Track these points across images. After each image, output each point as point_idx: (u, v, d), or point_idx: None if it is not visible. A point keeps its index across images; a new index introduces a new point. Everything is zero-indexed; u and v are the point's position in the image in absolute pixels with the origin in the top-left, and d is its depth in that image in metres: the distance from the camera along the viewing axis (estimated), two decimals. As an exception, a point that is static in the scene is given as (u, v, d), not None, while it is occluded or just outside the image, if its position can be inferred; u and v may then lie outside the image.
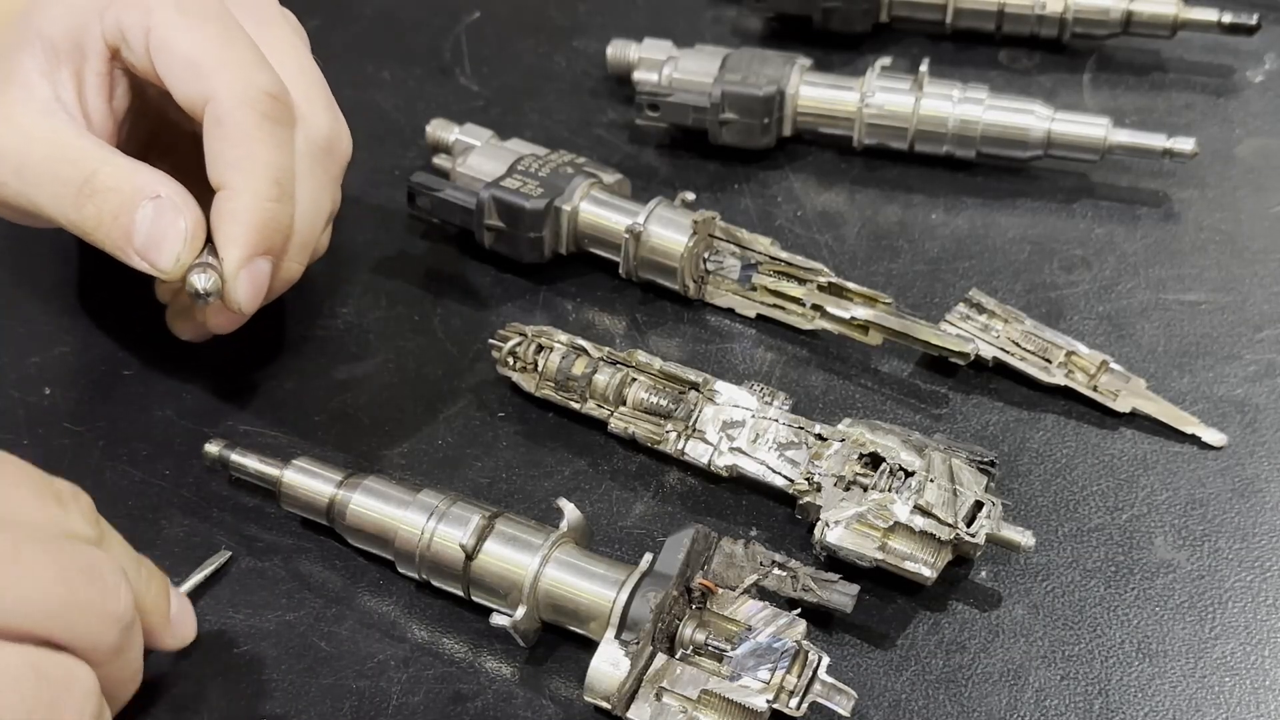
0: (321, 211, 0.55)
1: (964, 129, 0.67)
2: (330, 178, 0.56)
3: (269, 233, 0.52)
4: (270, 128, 0.52)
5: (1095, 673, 0.50)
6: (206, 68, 0.52)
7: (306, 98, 0.55)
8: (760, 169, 0.69)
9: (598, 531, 0.54)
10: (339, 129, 0.56)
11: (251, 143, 0.52)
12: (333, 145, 0.55)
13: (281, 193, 0.52)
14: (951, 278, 0.64)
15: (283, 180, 0.52)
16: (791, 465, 0.54)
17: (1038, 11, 0.73)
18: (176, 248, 0.51)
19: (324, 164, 0.55)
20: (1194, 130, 0.69)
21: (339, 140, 0.56)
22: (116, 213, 0.51)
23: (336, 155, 0.56)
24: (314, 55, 0.58)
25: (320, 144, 0.55)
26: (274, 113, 0.52)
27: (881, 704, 0.50)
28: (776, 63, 0.68)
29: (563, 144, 0.67)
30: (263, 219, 0.52)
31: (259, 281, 0.53)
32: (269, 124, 0.52)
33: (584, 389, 0.57)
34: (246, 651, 0.51)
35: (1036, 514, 0.55)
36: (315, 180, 0.54)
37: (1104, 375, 0.59)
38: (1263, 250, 0.65)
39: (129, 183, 0.52)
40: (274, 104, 0.52)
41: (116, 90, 0.55)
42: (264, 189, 0.52)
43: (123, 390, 0.59)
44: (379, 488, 0.53)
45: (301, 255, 0.55)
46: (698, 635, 0.49)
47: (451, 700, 0.50)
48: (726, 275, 0.63)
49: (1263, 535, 0.54)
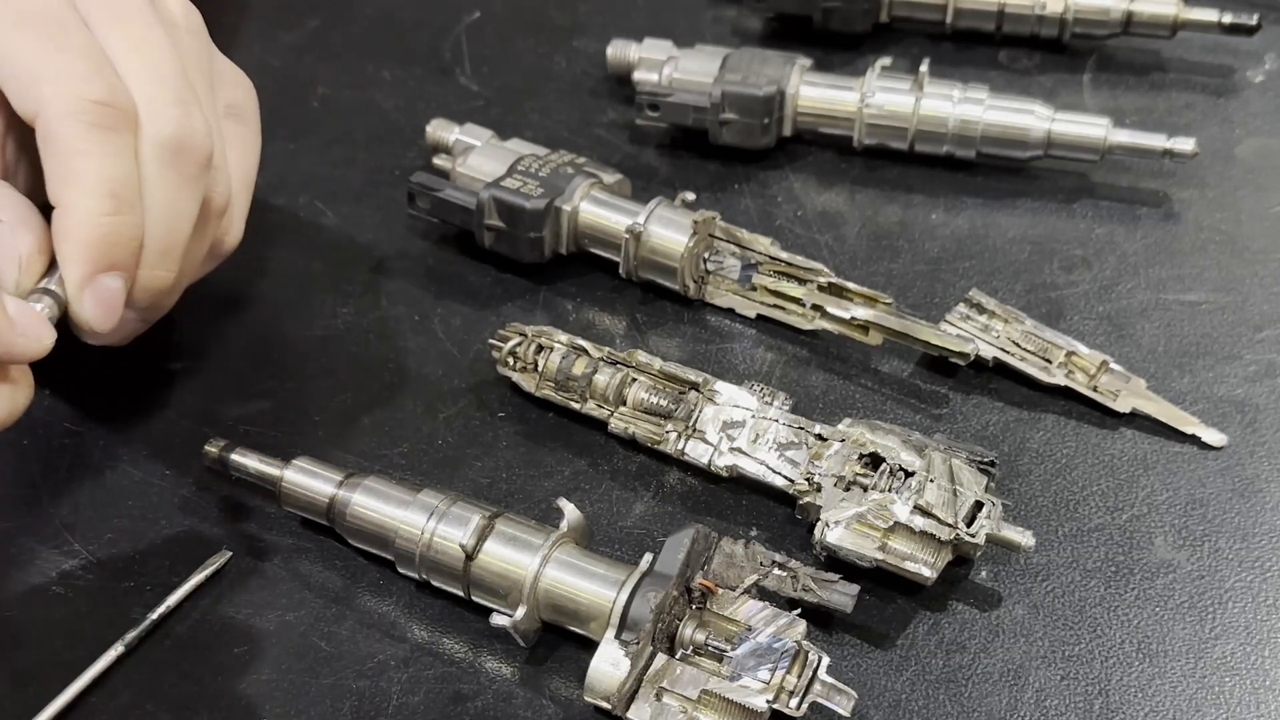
0: (182, 214, 0.52)
1: (964, 129, 0.67)
2: (185, 177, 0.52)
3: (108, 248, 0.50)
4: (100, 136, 0.50)
5: (1095, 673, 0.50)
6: (33, 79, 0.50)
7: (151, 97, 0.52)
8: (760, 169, 0.69)
9: (598, 531, 0.54)
10: (190, 125, 0.52)
11: (79, 156, 0.49)
12: (182, 143, 0.51)
13: (120, 204, 0.50)
14: (951, 278, 0.64)
15: (120, 191, 0.50)
16: (791, 465, 0.54)
17: (1038, 12, 0.73)
18: (13, 273, 0.50)
19: (174, 164, 0.52)
20: (1194, 130, 0.69)
21: (190, 137, 0.52)
22: None
23: (190, 153, 0.52)
24: (313, 54, 0.57)
25: (167, 144, 0.51)
26: (103, 120, 0.50)
27: (881, 704, 0.50)
28: (777, 63, 0.68)
29: (563, 144, 0.67)
30: (99, 235, 0.49)
31: (108, 299, 0.50)
32: (98, 133, 0.50)
33: (584, 389, 0.57)
34: (246, 651, 0.51)
35: (1036, 514, 0.55)
36: (166, 183, 0.52)
37: (1104, 375, 0.59)
38: (1263, 250, 0.65)
39: None
40: (103, 111, 0.50)
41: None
42: (97, 204, 0.49)
43: (123, 390, 0.59)
44: (379, 488, 0.53)
45: (166, 262, 0.52)
46: (698, 635, 0.49)
47: (451, 700, 0.50)
48: (727, 275, 0.63)
49: (1263, 535, 0.54)
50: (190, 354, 0.60)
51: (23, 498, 0.56)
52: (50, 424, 0.58)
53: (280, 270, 0.65)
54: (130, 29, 0.53)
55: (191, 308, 0.60)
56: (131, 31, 0.53)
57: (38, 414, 0.59)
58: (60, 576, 0.53)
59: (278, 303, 0.64)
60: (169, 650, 0.51)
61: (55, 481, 0.56)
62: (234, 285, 0.64)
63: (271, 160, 0.68)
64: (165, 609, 0.52)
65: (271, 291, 0.64)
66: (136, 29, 0.53)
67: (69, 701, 0.49)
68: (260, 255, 0.65)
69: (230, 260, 0.60)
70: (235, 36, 0.77)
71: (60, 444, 0.58)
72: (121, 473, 0.57)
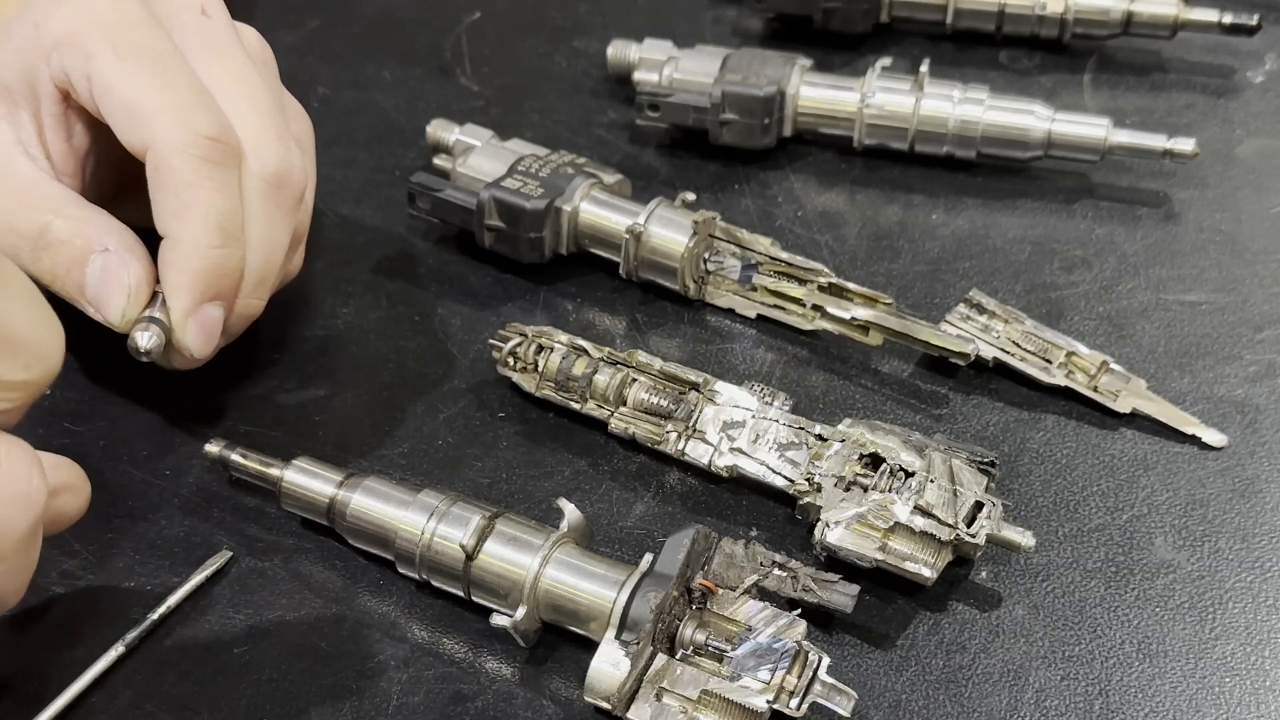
0: (278, 246, 0.54)
1: (964, 129, 0.67)
2: (283, 211, 0.54)
3: (215, 279, 0.52)
4: (210, 171, 0.51)
5: (1095, 673, 0.50)
6: (143, 114, 0.51)
7: (254, 133, 0.53)
8: (760, 169, 0.69)
9: (598, 532, 0.54)
10: (290, 160, 0.54)
11: (190, 190, 0.51)
12: (283, 178, 0.54)
13: (227, 238, 0.52)
14: (952, 278, 0.64)
15: (227, 225, 0.52)
16: (792, 466, 0.54)
17: (1038, 12, 0.73)
18: (121, 302, 0.51)
19: (275, 199, 0.54)
20: (1194, 131, 0.69)
21: (290, 172, 0.54)
22: (69, 266, 0.52)
23: (289, 187, 0.54)
24: (313, 54, 0.57)
25: (269, 179, 0.53)
26: (214, 156, 0.51)
27: (882, 704, 0.50)
28: (777, 63, 0.68)
29: (563, 144, 0.67)
30: (207, 267, 0.51)
31: (209, 328, 0.52)
32: (208, 168, 0.51)
33: (584, 389, 0.57)
34: (246, 651, 0.51)
35: (1037, 514, 0.55)
36: (267, 216, 0.53)
37: (1104, 376, 0.59)
38: (1263, 250, 0.65)
39: (80, 235, 0.51)
40: (213, 147, 0.51)
41: (75, 129, 0.54)
42: (206, 236, 0.51)
43: (123, 390, 0.59)
44: (379, 488, 0.53)
45: (260, 291, 0.54)
46: (698, 635, 0.49)
47: (451, 700, 0.50)
48: (727, 275, 0.63)
49: (1263, 536, 0.54)
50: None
51: (23, 498, 0.56)
52: (50, 424, 0.58)
53: (280, 270, 0.65)
54: (227, 64, 0.54)
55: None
56: (228, 66, 0.54)
57: (38, 414, 0.58)
58: (60, 576, 0.53)
59: (278, 303, 0.63)
60: (169, 650, 0.51)
61: (55, 481, 0.56)
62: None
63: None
64: (165, 609, 0.52)
65: (271, 291, 0.64)
66: (233, 64, 0.55)
67: (69, 701, 0.49)
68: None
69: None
70: (235, 36, 0.77)
71: (60, 444, 0.58)
72: (121, 473, 0.57)
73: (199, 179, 0.51)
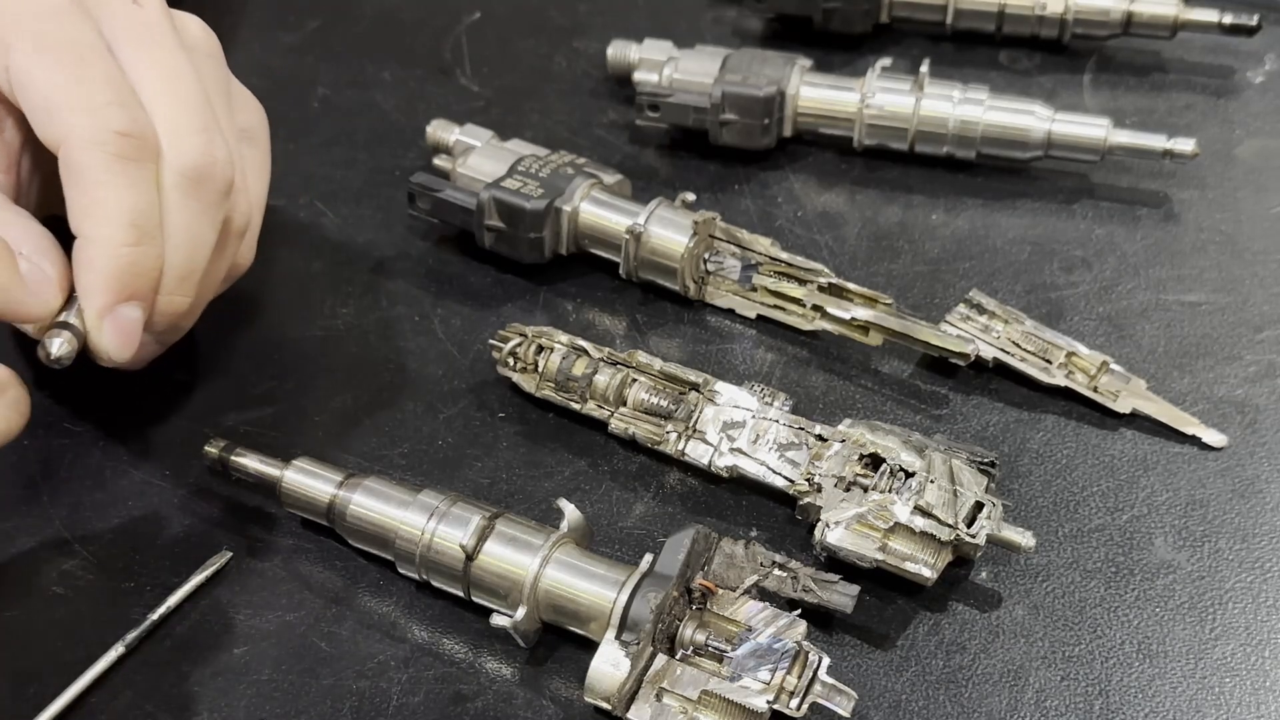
0: (202, 242, 0.52)
1: (964, 130, 0.67)
2: (206, 205, 0.52)
3: (129, 279, 0.50)
4: (122, 168, 0.50)
5: (1095, 673, 0.50)
6: (56, 109, 0.50)
7: (174, 125, 0.52)
8: (760, 169, 0.69)
9: (598, 532, 0.54)
10: (212, 153, 0.52)
11: (102, 187, 0.50)
12: (204, 172, 0.52)
13: (141, 235, 0.50)
14: (952, 278, 0.64)
15: (141, 222, 0.50)
16: (792, 466, 0.54)
17: (1038, 12, 0.73)
18: (35, 307, 0.50)
19: (195, 193, 0.52)
20: (1194, 131, 0.69)
21: (212, 166, 0.52)
22: None
23: (211, 181, 0.52)
24: (313, 54, 0.57)
25: (188, 173, 0.51)
26: (126, 151, 0.50)
27: (882, 705, 0.50)
28: (777, 63, 0.68)
29: (563, 144, 0.67)
30: (120, 266, 0.50)
31: (127, 330, 0.51)
32: (121, 164, 0.50)
33: (584, 389, 0.57)
34: (246, 651, 0.51)
35: (1037, 515, 0.55)
36: (187, 212, 0.52)
37: (1104, 376, 0.59)
38: (1263, 251, 0.65)
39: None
40: (126, 142, 0.50)
41: (5, 124, 0.53)
42: (119, 234, 0.50)
43: (123, 390, 0.59)
44: (379, 488, 0.53)
45: (184, 288, 0.52)
46: (698, 636, 0.49)
47: (451, 700, 0.50)
48: (727, 276, 0.63)
49: (1263, 536, 0.54)
50: (190, 354, 0.60)
51: (23, 498, 0.56)
52: (50, 424, 0.58)
53: (280, 270, 0.65)
54: (155, 54, 0.53)
55: (191, 308, 0.61)
56: (156, 57, 0.53)
57: (38, 414, 0.58)
58: (60, 576, 0.53)
59: (278, 303, 0.64)
60: (169, 650, 0.51)
61: (55, 481, 0.56)
62: (234, 286, 0.63)
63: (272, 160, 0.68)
64: (165, 609, 0.52)
65: (271, 291, 0.64)
66: (161, 54, 0.53)
67: (69, 702, 0.49)
68: (260, 255, 0.65)
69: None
70: (235, 37, 0.77)
71: (60, 444, 0.58)
72: (121, 473, 0.57)
73: (110, 176, 0.50)
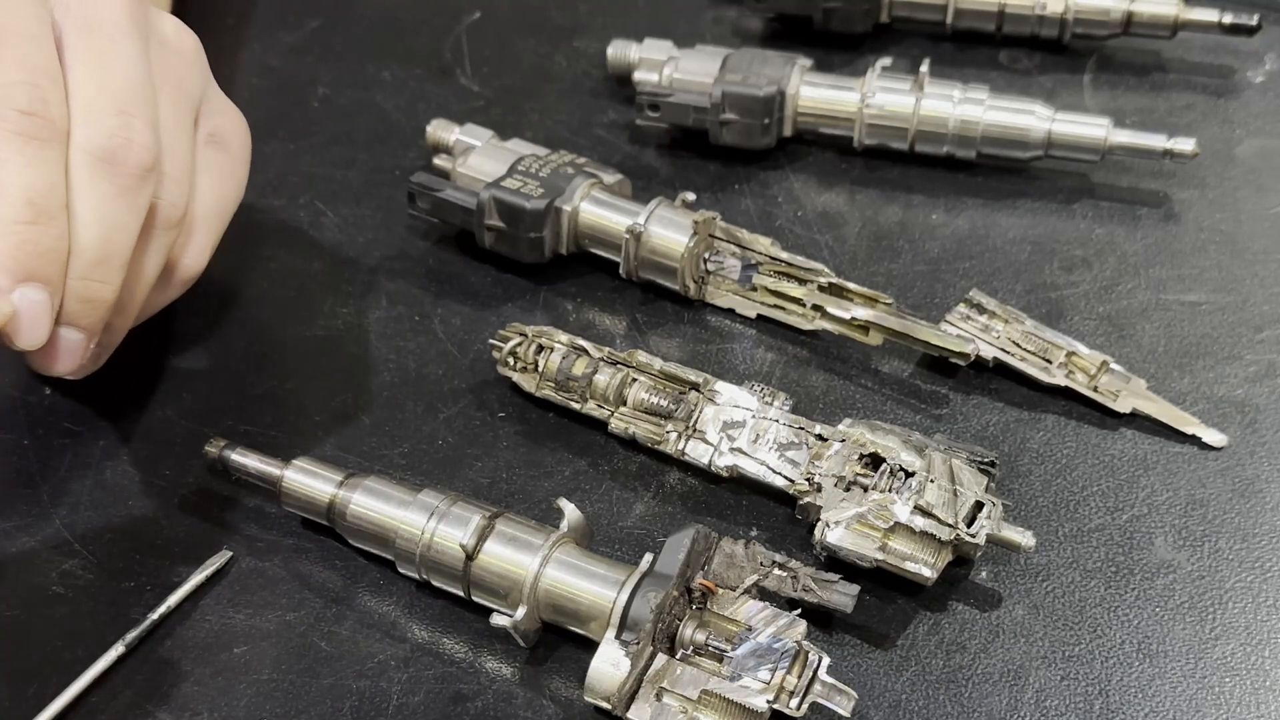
0: (115, 225, 0.51)
1: (964, 129, 0.67)
2: (119, 188, 0.51)
3: (24, 258, 0.49)
4: (22, 145, 0.49)
5: (1095, 673, 0.50)
6: None
7: (90, 107, 0.51)
8: (760, 169, 0.69)
9: (598, 531, 0.54)
10: (127, 135, 0.51)
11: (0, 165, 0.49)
12: (114, 153, 0.51)
13: (38, 213, 0.49)
14: (952, 278, 0.64)
15: (39, 200, 0.49)
16: (792, 465, 0.54)
17: (1038, 12, 0.73)
18: None
19: (105, 174, 0.50)
20: (1194, 131, 0.69)
21: (125, 148, 0.51)
22: None
23: (124, 164, 0.51)
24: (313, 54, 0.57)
25: (97, 153, 0.50)
26: (26, 130, 0.49)
27: (882, 704, 0.50)
28: (777, 63, 0.68)
29: (563, 144, 0.67)
30: (13, 243, 0.49)
31: (33, 313, 0.49)
32: (20, 141, 0.49)
33: (584, 389, 0.57)
34: (246, 651, 0.51)
35: (1037, 514, 0.55)
36: (96, 192, 0.51)
37: (1104, 376, 0.59)
38: (1263, 250, 0.65)
39: None
40: (26, 121, 0.49)
41: None
42: (13, 212, 0.49)
43: (123, 390, 0.59)
44: (379, 488, 0.53)
45: (101, 273, 0.51)
46: (698, 635, 0.49)
47: (452, 700, 0.50)
48: (727, 275, 0.63)
49: (1263, 536, 0.54)
50: (190, 354, 0.60)
51: (23, 498, 0.56)
52: (50, 424, 0.58)
53: (280, 270, 0.65)
54: (93, 39, 0.52)
55: (191, 307, 0.61)
56: (93, 41, 0.52)
57: (38, 414, 0.59)
58: (60, 576, 0.53)
59: (278, 303, 0.64)
60: (169, 650, 0.51)
61: (55, 481, 0.56)
62: (234, 285, 0.64)
63: (271, 160, 0.69)
64: (165, 609, 0.52)
65: (271, 291, 0.64)
66: (99, 40, 0.52)
67: (69, 701, 0.49)
68: (260, 255, 0.65)
69: (230, 260, 0.60)
70: (235, 36, 0.77)
71: (60, 444, 0.58)
72: (121, 473, 0.57)
73: (9, 153, 0.49)
